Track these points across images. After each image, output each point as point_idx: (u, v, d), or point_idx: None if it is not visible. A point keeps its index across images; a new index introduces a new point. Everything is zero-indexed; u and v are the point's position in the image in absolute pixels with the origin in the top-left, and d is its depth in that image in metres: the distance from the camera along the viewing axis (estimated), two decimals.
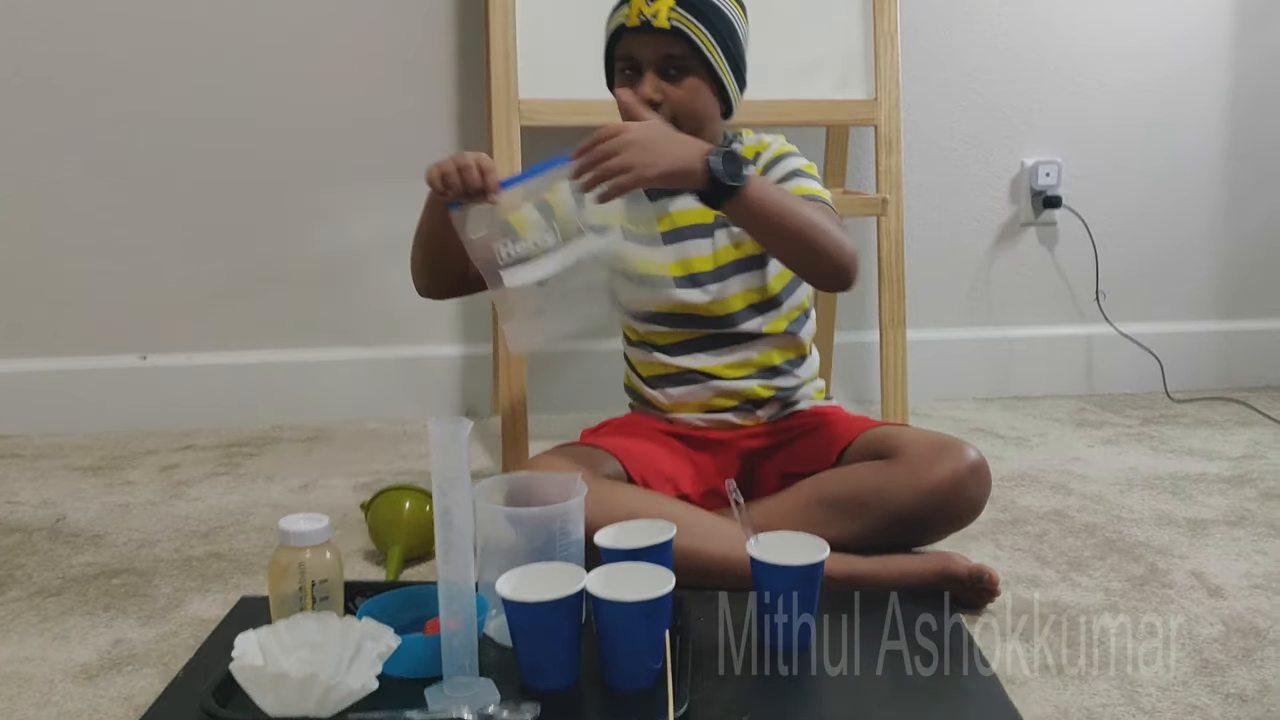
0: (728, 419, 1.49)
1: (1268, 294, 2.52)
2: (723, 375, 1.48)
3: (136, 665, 1.17)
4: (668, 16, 1.34)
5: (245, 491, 1.77)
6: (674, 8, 1.34)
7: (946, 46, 2.32)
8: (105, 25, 2.08)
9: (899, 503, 1.32)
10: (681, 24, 1.35)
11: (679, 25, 1.35)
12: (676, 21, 1.34)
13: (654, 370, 1.52)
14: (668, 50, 1.36)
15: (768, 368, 1.49)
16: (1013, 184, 2.40)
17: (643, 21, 1.35)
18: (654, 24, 1.34)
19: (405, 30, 2.15)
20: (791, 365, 1.52)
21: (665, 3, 1.34)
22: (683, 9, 1.35)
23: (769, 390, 1.49)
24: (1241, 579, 1.39)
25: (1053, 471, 1.87)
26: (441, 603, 1.02)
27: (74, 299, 2.15)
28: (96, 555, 1.49)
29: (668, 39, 1.35)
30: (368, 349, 2.24)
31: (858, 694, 1.07)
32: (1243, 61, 2.41)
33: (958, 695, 1.08)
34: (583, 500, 1.18)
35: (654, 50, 1.36)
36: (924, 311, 2.34)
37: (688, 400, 1.50)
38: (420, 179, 1.33)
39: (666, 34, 1.35)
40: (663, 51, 1.36)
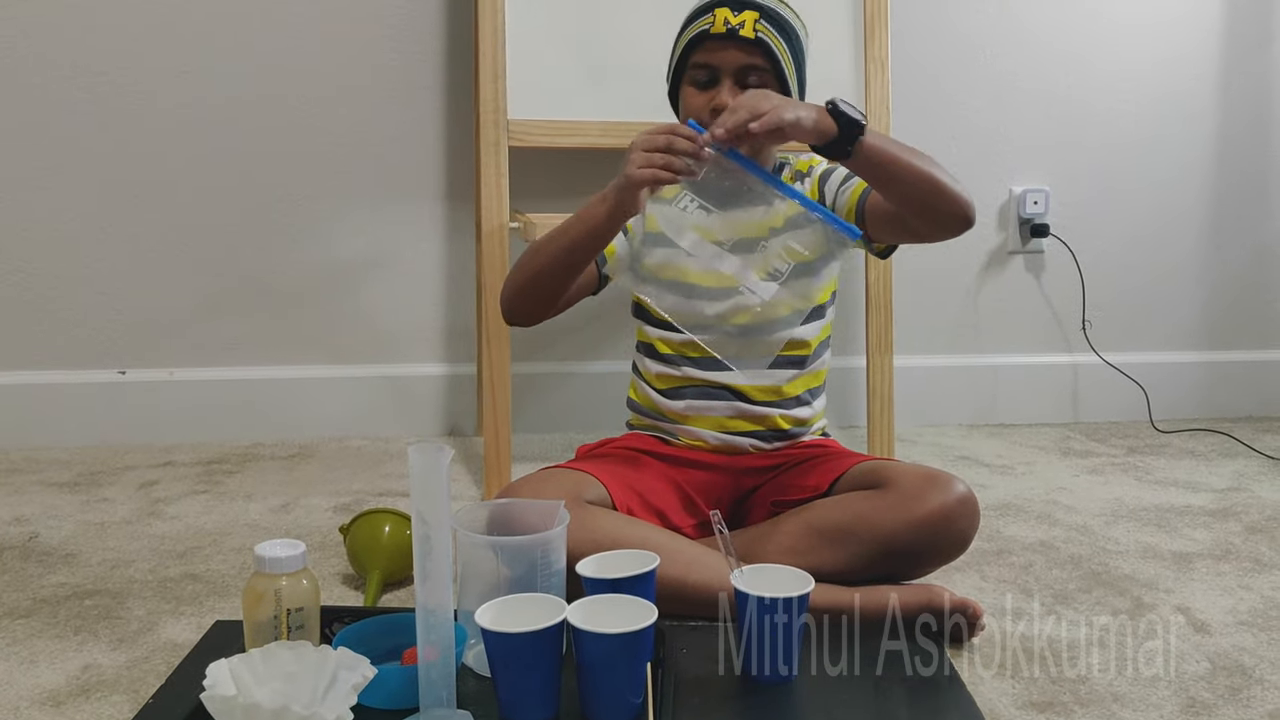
0: (740, 443, 1.48)
1: (1252, 325, 2.52)
2: (751, 396, 1.47)
3: (106, 692, 1.14)
4: (754, 27, 1.36)
5: (224, 511, 1.74)
6: (760, 20, 1.37)
7: (936, 74, 2.33)
8: (89, 38, 2.06)
9: (887, 533, 1.31)
10: (767, 36, 1.37)
11: (764, 37, 1.37)
12: (763, 34, 1.37)
13: (676, 383, 1.50)
14: (750, 61, 1.38)
15: (792, 397, 1.49)
16: (1000, 212, 2.40)
17: (729, 30, 1.36)
18: (740, 33, 1.36)
19: (393, 49, 2.14)
20: (812, 395, 1.52)
21: (752, 15, 1.37)
22: (768, 22, 1.38)
23: (788, 422, 1.49)
24: (1227, 615, 1.38)
25: (1038, 501, 1.86)
26: (420, 632, 1.00)
27: (54, 312, 2.12)
28: (69, 575, 1.46)
29: (752, 49, 1.37)
30: (351, 366, 2.22)
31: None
32: (1231, 89, 2.42)
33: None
34: (565, 529, 1.16)
35: (736, 59, 1.38)
36: (911, 338, 2.34)
37: (706, 415, 1.48)
38: (406, 198, 1.31)
39: (751, 44, 1.37)
40: (745, 61, 1.38)
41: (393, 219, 2.19)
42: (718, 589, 1.24)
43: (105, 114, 2.08)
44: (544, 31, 1.91)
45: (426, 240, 2.21)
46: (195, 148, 2.11)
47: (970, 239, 2.38)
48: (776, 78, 1.39)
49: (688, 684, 1.13)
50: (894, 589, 1.30)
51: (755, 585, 1.13)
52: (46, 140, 2.08)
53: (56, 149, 2.08)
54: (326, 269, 2.19)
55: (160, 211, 2.13)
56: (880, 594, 1.29)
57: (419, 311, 2.23)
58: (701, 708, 1.09)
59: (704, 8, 1.41)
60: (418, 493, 0.98)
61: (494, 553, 1.13)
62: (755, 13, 1.38)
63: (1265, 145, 2.45)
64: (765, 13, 1.38)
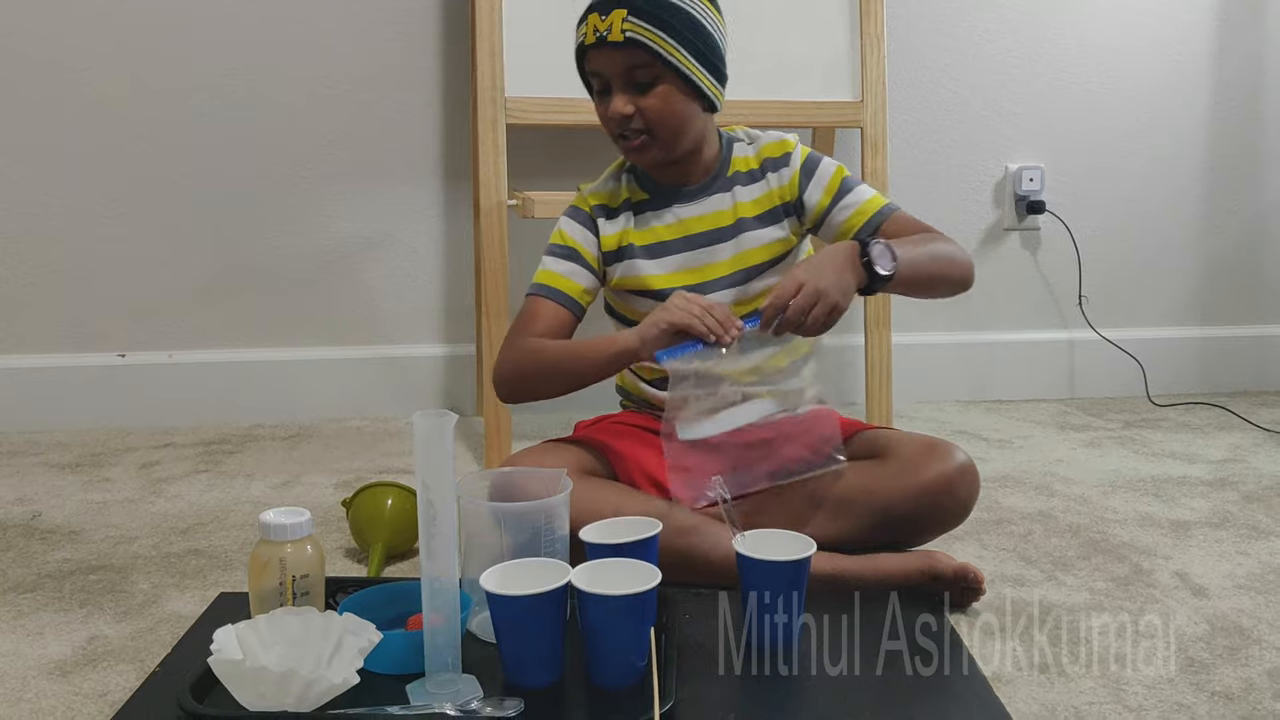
0: None
1: (1248, 300, 2.53)
2: (736, 380, 1.47)
3: (112, 661, 1.15)
4: (622, 29, 1.30)
5: (225, 489, 1.75)
6: (627, 18, 1.30)
7: (932, 50, 2.33)
8: (86, 23, 2.06)
9: (888, 502, 1.31)
10: (637, 34, 1.30)
11: (634, 35, 1.30)
12: (631, 32, 1.30)
13: (661, 373, 1.49)
14: (629, 63, 1.32)
15: (775, 371, 1.48)
16: (996, 189, 2.40)
17: (599, 38, 1.32)
18: (610, 39, 1.31)
19: (390, 28, 2.14)
20: (800, 364, 1.51)
21: (618, 15, 1.30)
22: (637, 18, 1.30)
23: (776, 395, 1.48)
24: (1225, 579, 1.39)
25: (1036, 473, 1.87)
26: (425, 598, 1.01)
27: (53, 296, 2.12)
28: (73, 552, 1.47)
29: (626, 51, 1.31)
30: (350, 348, 2.23)
31: (844, 693, 1.07)
32: (1225, 67, 2.42)
33: (945, 694, 1.07)
34: (568, 496, 1.17)
35: (615, 65, 1.33)
36: (908, 315, 2.34)
37: None
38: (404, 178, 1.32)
39: (624, 47, 1.31)
40: (624, 65, 1.33)
41: (391, 199, 2.19)
42: (720, 555, 1.25)
43: (101, 99, 2.08)
44: (541, 8, 1.91)
45: (425, 220, 2.21)
46: (192, 131, 2.11)
47: (966, 216, 2.40)
48: (669, 67, 1.33)
49: (692, 648, 1.14)
50: (894, 556, 1.31)
51: (757, 550, 1.14)
52: (42, 126, 2.07)
53: (53, 134, 2.08)
54: (325, 250, 2.19)
55: (157, 195, 2.13)
56: (881, 561, 1.30)
57: (418, 292, 2.23)
58: (705, 671, 1.10)
59: (581, 18, 1.36)
60: (422, 459, 0.98)
61: (497, 520, 1.14)
62: (623, 10, 1.30)
63: (1259, 121, 2.46)
64: (634, 7, 1.30)
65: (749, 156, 1.46)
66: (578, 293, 1.44)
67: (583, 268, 1.44)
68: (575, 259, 1.44)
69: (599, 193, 1.48)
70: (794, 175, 1.44)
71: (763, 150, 1.46)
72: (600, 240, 1.45)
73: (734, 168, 1.45)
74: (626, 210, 1.46)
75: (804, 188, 1.44)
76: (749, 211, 1.43)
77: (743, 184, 1.45)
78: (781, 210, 1.44)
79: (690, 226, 1.44)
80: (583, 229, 1.46)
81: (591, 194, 1.48)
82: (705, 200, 1.44)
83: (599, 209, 1.46)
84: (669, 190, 1.45)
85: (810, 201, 1.44)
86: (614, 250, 1.45)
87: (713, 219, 1.44)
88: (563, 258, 1.45)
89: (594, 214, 1.46)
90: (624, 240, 1.45)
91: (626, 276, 1.45)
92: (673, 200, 1.45)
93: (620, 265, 1.45)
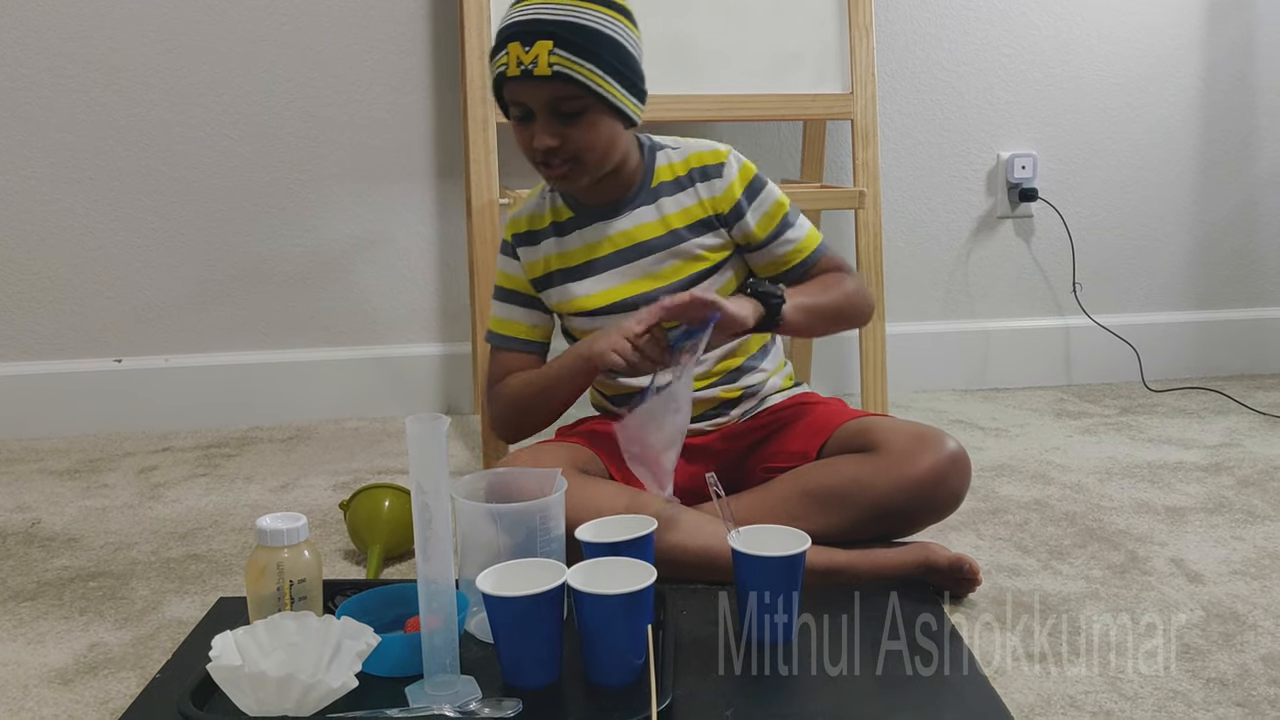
0: (699, 426, 1.46)
1: (1241, 284, 2.53)
2: None
3: (113, 669, 1.15)
4: (549, 63, 1.27)
5: (224, 493, 1.75)
6: (553, 51, 1.27)
7: (921, 40, 2.33)
8: (80, 26, 2.05)
9: (880, 495, 1.31)
10: (564, 67, 1.27)
11: (563, 70, 1.27)
12: (559, 65, 1.27)
13: (617, 390, 1.48)
14: (555, 95, 1.29)
15: (731, 370, 1.48)
16: (989, 177, 2.41)
17: (523, 70, 1.28)
18: (535, 72, 1.27)
19: (380, 30, 2.14)
20: (755, 360, 1.49)
21: (544, 47, 1.27)
22: (564, 50, 1.27)
23: (736, 391, 1.48)
24: (1220, 565, 1.40)
25: (1032, 461, 1.87)
26: (422, 600, 1.01)
27: (49, 301, 2.13)
28: (72, 559, 1.47)
29: (554, 85, 1.28)
30: (347, 349, 2.23)
31: (841, 689, 1.07)
32: (1215, 50, 2.42)
33: (943, 690, 1.08)
34: (563, 495, 1.17)
35: (540, 97, 1.30)
36: (902, 304, 2.35)
37: None
38: (397, 178, 1.32)
39: (551, 80, 1.28)
40: (550, 97, 1.30)
41: (384, 200, 2.19)
42: (716, 551, 1.25)
43: (96, 103, 2.08)
44: None
45: (418, 221, 2.21)
46: (186, 135, 2.11)
47: (959, 204, 2.40)
48: (597, 99, 1.30)
49: (689, 645, 1.14)
50: (889, 549, 1.32)
51: (752, 545, 1.15)
52: (38, 130, 2.07)
53: (48, 138, 2.08)
54: (319, 252, 2.19)
55: (152, 199, 2.13)
56: (875, 554, 1.30)
57: (413, 292, 2.24)
58: (702, 668, 1.10)
59: (498, 44, 1.32)
60: (416, 462, 0.99)
61: (493, 520, 1.14)
62: (548, 42, 1.27)
63: (1248, 105, 2.46)
64: (560, 38, 1.27)
65: (675, 164, 1.45)
66: (525, 332, 1.48)
67: (522, 306, 1.48)
68: (514, 299, 1.49)
69: (519, 219, 1.49)
70: (729, 189, 1.43)
71: (690, 158, 1.45)
72: (525, 268, 1.47)
73: (658, 177, 1.44)
74: (551, 233, 1.46)
75: (744, 209, 1.43)
76: (679, 221, 1.43)
77: (668, 193, 1.44)
78: (715, 219, 1.43)
79: (618, 241, 1.43)
80: (512, 263, 1.49)
81: (513, 221, 1.49)
82: (631, 214, 1.43)
83: (519, 238, 1.48)
84: (592, 207, 1.45)
85: (749, 226, 1.43)
86: (541, 277, 1.47)
87: (642, 230, 1.43)
88: (502, 300, 1.50)
89: (515, 244, 1.48)
90: (549, 266, 1.46)
91: (561, 302, 1.46)
92: (596, 216, 1.44)
93: (553, 291, 1.46)
